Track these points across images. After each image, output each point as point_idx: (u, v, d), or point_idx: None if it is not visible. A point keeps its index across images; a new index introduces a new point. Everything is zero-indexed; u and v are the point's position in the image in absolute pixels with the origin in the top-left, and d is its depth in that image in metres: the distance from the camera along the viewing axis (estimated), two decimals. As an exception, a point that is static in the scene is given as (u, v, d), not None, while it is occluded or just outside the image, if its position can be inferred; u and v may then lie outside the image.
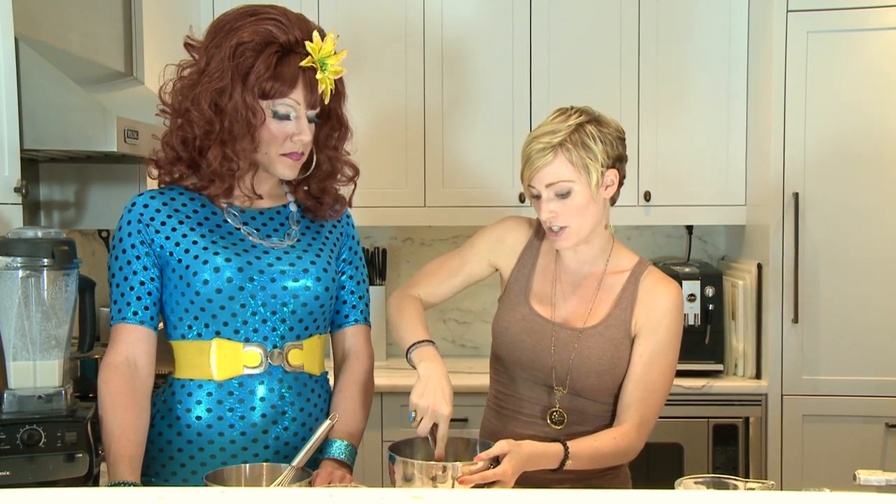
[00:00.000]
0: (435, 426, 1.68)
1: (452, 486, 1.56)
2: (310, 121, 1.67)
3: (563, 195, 1.76)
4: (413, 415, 1.69)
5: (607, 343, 1.81)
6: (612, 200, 1.88)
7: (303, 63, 1.62)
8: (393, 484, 1.62)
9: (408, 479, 1.58)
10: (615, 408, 1.85)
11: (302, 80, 1.63)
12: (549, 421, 1.85)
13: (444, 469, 1.57)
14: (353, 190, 1.84)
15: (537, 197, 1.80)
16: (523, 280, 1.91)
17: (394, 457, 1.62)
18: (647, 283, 1.84)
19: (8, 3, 1.95)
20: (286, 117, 1.64)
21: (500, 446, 1.61)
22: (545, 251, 1.93)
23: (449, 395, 1.69)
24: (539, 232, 1.95)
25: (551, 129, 1.77)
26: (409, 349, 1.81)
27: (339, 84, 1.72)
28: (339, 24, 3.23)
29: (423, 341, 1.80)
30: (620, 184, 1.86)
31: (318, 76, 1.64)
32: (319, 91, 1.65)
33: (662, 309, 1.81)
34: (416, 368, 1.76)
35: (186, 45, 1.70)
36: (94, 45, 2.61)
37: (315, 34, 1.64)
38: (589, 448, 1.73)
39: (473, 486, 1.56)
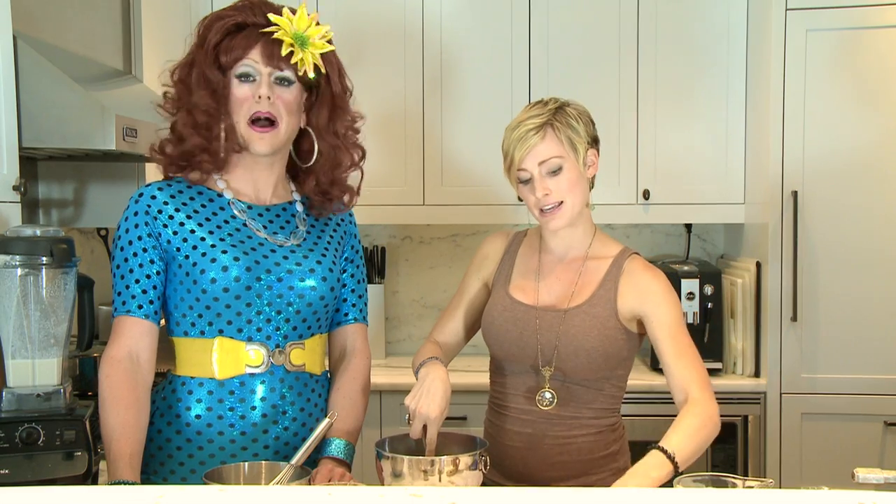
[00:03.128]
0: (426, 428, 1.69)
1: (440, 481, 1.56)
2: (282, 81, 1.68)
3: (555, 172, 1.81)
4: (407, 416, 1.71)
5: (593, 320, 1.81)
6: (591, 184, 1.91)
7: (264, 30, 1.65)
8: (381, 482, 1.62)
9: (396, 476, 1.59)
10: (612, 396, 1.86)
11: (262, 42, 1.65)
12: (537, 402, 1.84)
13: (433, 463, 1.57)
14: (361, 178, 1.83)
15: (526, 181, 1.83)
16: (504, 278, 1.95)
17: (381, 453, 1.62)
18: (633, 267, 1.85)
19: (6, 1, 1.95)
20: (248, 78, 1.66)
21: None
22: (524, 249, 1.97)
23: (440, 397, 1.70)
24: (518, 237, 2.00)
25: (534, 114, 1.83)
26: (418, 369, 1.83)
27: (328, 61, 1.72)
28: (338, 22, 3.23)
29: (430, 358, 1.83)
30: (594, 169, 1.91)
31: (293, 50, 1.65)
32: (285, 56, 1.65)
33: (657, 292, 1.83)
34: None
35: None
36: (93, 43, 2.61)
37: (285, 10, 1.66)
38: (690, 443, 1.67)
39: None
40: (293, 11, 1.67)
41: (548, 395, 1.84)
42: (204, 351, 1.67)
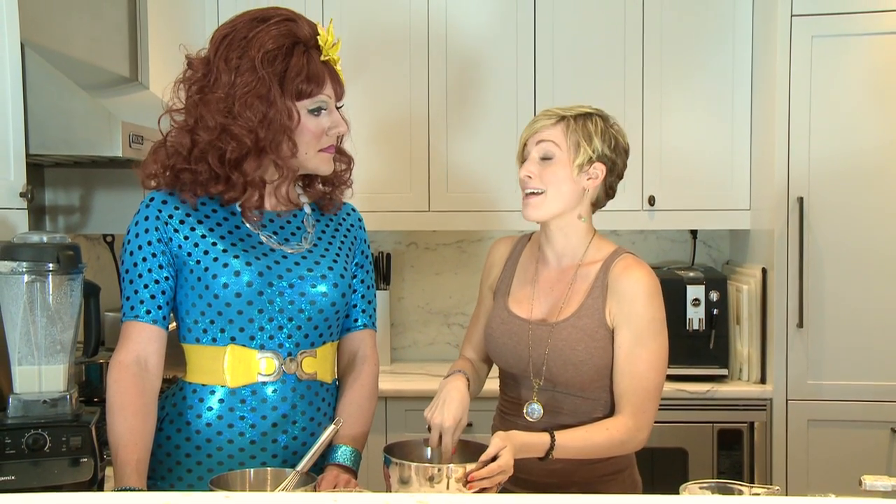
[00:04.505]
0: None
1: (447, 488, 1.56)
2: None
3: (546, 158, 1.83)
4: (428, 426, 1.74)
5: (580, 333, 1.81)
6: (597, 204, 1.91)
7: (322, 58, 1.67)
8: (388, 488, 1.62)
9: (404, 482, 1.58)
10: (609, 404, 1.85)
11: (328, 75, 1.68)
12: (525, 414, 1.86)
13: (440, 470, 1.56)
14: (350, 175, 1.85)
15: (525, 160, 1.87)
16: (504, 288, 1.97)
17: (389, 459, 1.62)
18: (616, 271, 1.83)
19: (14, 10, 1.96)
20: (319, 112, 1.68)
21: (495, 445, 1.62)
22: (525, 257, 1.98)
23: (455, 407, 1.73)
24: (521, 241, 2.01)
25: (564, 107, 1.88)
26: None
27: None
28: (344, 30, 3.24)
29: (454, 371, 1.86)
30: (607, 193, 1.91)
31: (337, 68, 1.70)
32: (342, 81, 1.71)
33: (632, 296, 1.80)
34: None
35: (189, 63, 1.69)
36: (100, 51, 2.62)
37: (319, 26, 1.69)
38: (578, 439, 1.74)
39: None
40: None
41: (535, 407, 1.85)
42: (215, 358, 1.67)
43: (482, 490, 1.57)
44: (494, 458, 1.62)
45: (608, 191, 1.90)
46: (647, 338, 1.79)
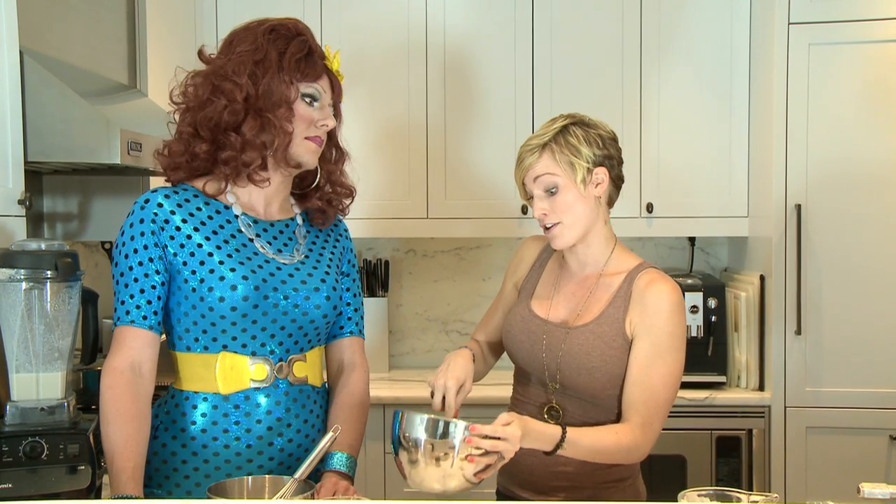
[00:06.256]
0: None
1: (451, 466, 1.55)
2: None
3: (551, 191, 1.83)
4: (432, 392, 1.81)
5: (597, 340, 1.81)
6: (610, 202, 1.91)
7: (326, 63, 1.72)
8: (399, 471, 1.62)
9: (412, 462, 1.58)
10: (619, 412, 1.85)
11: (327, 74, 1.72)
12: (545, 417, 1.86)
13: (446, 454, 1.55)
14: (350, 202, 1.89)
15: (532, 198, 1.88)
16: (530, 286, 1.98)
17: (395, 439, 1.61)
18: (641, 283, 1.83)
19: (13, 17, 1.96)
20: (313, 100, 1.69)
21: (502, 418, 1.61)
22: (553, 258, 1.99)
23: (458, 370, 1.80)
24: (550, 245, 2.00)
25: (540, 133, 1.87)
26: None
27: (338, 97, 1.79)
28: (342, 37, 3.24)
29: (460, 347, 1.94)
30: (617, 186, 1.90)
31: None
32: (337, 93, 1.75)
33: (655, 308, 1.80)
34: None
35: (201, 57, 1.73)
36: (98, 58, 2.62)
37: (327, 48, 1.74)
38: (588, 438, 1.72)
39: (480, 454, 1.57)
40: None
41: (554, 411, 1.86)
42: (207, 366, 1.67)
43: (486, 468, 1.57)
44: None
45: (616, 182, 1.90)
46: (665, 351, 1.79)
